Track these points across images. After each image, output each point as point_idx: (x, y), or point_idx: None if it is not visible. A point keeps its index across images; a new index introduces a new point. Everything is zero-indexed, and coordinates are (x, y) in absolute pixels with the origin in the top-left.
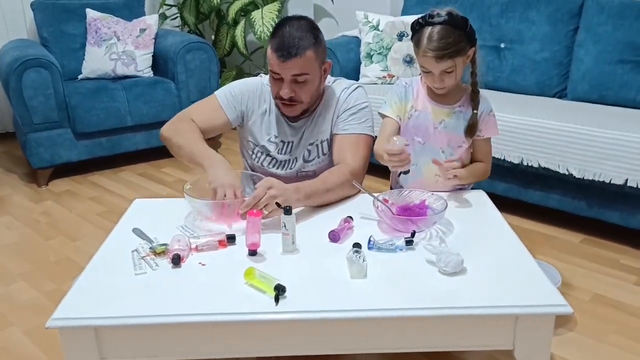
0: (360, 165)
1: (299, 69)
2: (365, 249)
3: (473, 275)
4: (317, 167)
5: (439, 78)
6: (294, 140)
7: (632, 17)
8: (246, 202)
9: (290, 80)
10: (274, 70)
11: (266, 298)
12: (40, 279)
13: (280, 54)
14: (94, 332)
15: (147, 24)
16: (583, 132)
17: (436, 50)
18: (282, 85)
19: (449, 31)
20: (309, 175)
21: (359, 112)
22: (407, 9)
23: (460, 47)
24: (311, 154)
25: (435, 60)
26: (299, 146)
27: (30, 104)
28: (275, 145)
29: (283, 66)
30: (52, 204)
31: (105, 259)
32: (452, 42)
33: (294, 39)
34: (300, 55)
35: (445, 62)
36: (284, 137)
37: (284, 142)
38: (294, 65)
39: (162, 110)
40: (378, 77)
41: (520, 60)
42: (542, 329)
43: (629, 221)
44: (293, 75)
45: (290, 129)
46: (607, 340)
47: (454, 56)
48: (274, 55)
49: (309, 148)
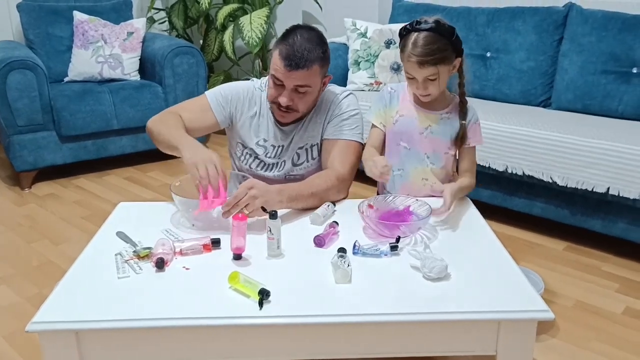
0: (347, 171)
1: (302, 80)
2: (350, 254)
3: (457, 281)
4: (306, 171)
5: (423, 85)
6: (283, 144)
7: (616, 28)
8: (227, 201)
9: (292, 89)
10: (278, 77)
11: (250, 302)
12: (22, 283)
13: (288, 63)
14: (74, 336)
15: (134, 27)
16: (567, 141)
17: (420, 55)
18: (281, 92)
19: (434, 38)
20: (297, 179)
21: (350, 119)
22: (395, 17)
23: (444, 55)
24: (300, 158)
25: (418, 66)
26: (288, 150)
27: (15, 105)
28: (264, 149)
29: (288, 75)
30: (35, 207)
31: (88, 262)
32: (436, 49)
33: (303, 50)
34: (307, 68)
35: (428, 68)
36: (273, 141)
37: (274, 146)
38: (298, 76)
39: (148, 114)
40: (365, 84)
41: (505, 69)
42: (525, 334)
43: (611, 229)
44: (295, 86)
45: (280, 132)
46: (588, 346)
47: (437, 63)
48: (281, 62)
49: (298, 152)
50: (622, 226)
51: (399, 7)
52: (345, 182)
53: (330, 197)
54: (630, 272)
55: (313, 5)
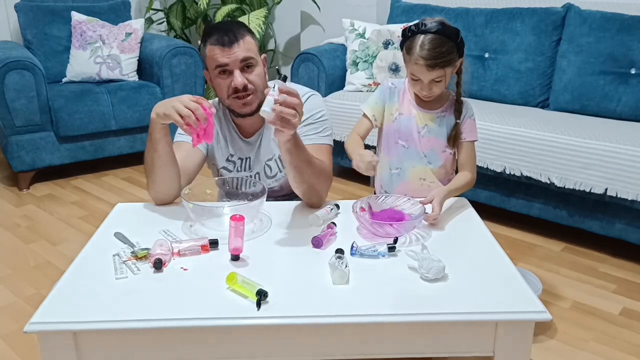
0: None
1: (245, 51)
2: (348, 255)
3: (454, 281)
4: (282, 182)
5: (428, 86)
6: (250, 156)
7: (614, 29)
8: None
9: (240, 68)
10: (221, 63)
11: (248, 303)
12: (19, 284)
13: (223, 42)
14: (72, 336)
15: (133, 28)
16: (565, 141)
17: (429, 59)
18: (231, 77)
19: (441, 41)
20: (275, 191)
21: (316, 123)
22: (393, 18)
23: (451, 58)
24: (272, 170)
25: (427, 69)
26: (257, 161)
27: (13, 106)
28: (233, 164)
29: (229, 52)
30: (33, 207)
31: (86, 263)
32: (445, 52)
33: (230, 28)
34: (242, 39)
35: (436, 71)
36: (240, 154)
37: (242, 159)
38: (239, 49)
39: (146, 115)
40: (363, 84)
41: (504, 70)
42: (522, 335)
43: (609, 230)
44: (241, 61)
45: (245, 144)
46: (586, 347)
47: (444, 66)
48: (215, 47)
49: (268, 163)
50: (620, 227)
51: (397, 8)
52: (331, 179)
53: (319, 183)
54: (627, 273)
55: (311, 6)
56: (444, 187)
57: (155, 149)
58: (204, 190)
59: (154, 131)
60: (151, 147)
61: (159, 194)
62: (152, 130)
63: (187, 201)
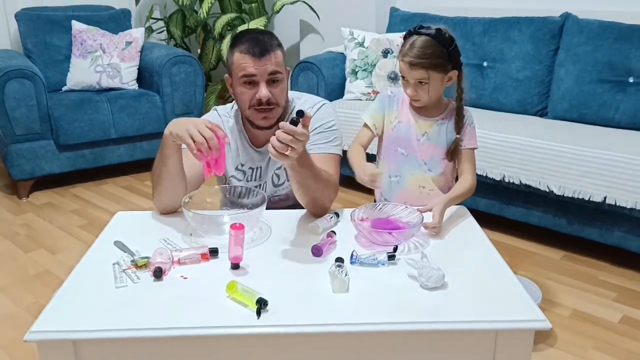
0: (336, 180)
1: (274, 65)
2: (348, 263)
3: (454, 290)
4: (289, 191)
5: (413, 88)
6: (261, 165)
7: (611, 38)
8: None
9: (267, 81)
10: (248, 73)
11: (248, 312)
12: (19, 292)
13: (254, 52)
14: (72, 345)
15: (133, 37)
16: (563, 150)
17: (413, 57)
18: (257, 90)
19: (430, 43)
20: (282, 199)
21: (326, 132)
22: (392, 27)
23: (437, 62)
24: (280, 178)
25: (409, 67)
26: (267, 171)
27: (13, 115)
28: (243, 174)
29: (259, 64)
30: (32, 216)
31: (86, 271)
32: (430, 54)
33: (262, 39)
34: (274, 52)
35: (418, 71)
36: (251, 164)
37: (252, 169)
38: (269, 62)
39: (146, 123)
40: (363, 93)
41: (502, 78)
42: (522, 344)
43: (608, 238)
44: (269, 75)
45: (257, 154)
46: (586, 355)
47: (428, 67)
48: (245, 56)
49: (277, 172)
50: (619, 235)
51: (396, 17)
52: (337, 190)
53: (324, 196)
54: (627, 280)
55: (310, 15)
56: (444, 195)
57: (164, 163)
58: (204, 199)
59: (165, 147)
60: (161, 160)
61: (162, 204)
62: (164, 146)
63: (187, 209)
